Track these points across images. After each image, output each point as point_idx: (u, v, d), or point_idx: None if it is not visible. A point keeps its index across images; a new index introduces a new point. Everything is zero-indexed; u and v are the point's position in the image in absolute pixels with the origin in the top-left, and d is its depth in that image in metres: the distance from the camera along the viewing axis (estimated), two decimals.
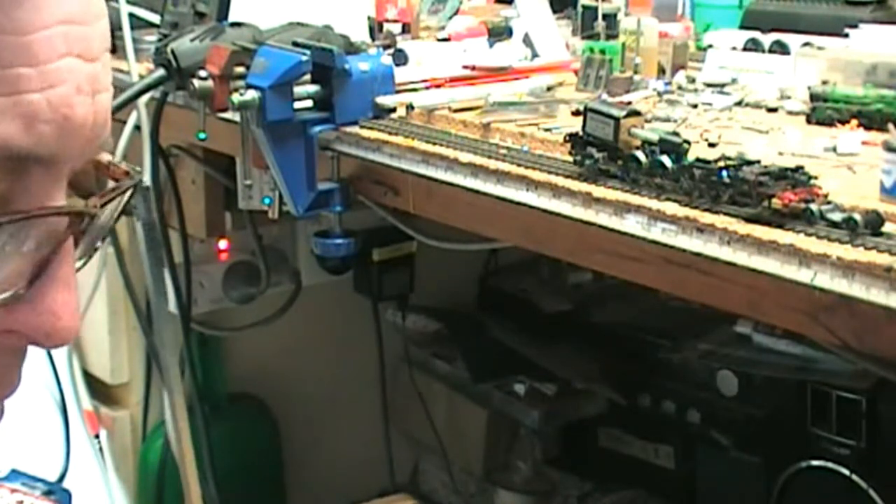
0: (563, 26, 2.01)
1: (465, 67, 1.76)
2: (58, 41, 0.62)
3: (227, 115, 1.70)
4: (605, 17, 1.86)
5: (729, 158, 1.23)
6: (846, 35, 1.70)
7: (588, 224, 1.30)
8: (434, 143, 1.51)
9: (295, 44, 1.63)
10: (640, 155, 1.28)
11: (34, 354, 0.68)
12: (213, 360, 2.37)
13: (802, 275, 1.10)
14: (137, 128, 1.99)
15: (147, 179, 1.83)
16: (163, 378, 2.08)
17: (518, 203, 1.38)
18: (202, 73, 1.66)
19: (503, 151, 1.45)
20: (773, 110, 1.58)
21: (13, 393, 0.68)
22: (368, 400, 2.51)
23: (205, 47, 1.70)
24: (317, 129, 1.63)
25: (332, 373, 2.51)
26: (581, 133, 1.36)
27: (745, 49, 1.80)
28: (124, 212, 0.72)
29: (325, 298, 2.41)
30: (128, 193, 0.71)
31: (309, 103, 1.62)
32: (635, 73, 1.71)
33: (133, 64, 1.94)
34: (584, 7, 1.96)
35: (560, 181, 1.34)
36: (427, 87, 1.69)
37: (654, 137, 1.29)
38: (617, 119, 1.32)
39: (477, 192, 1.43)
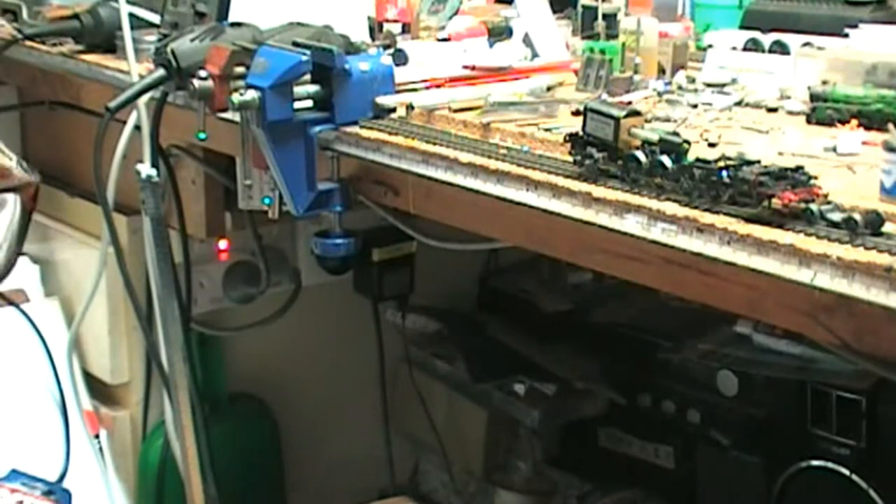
0: (563, 26, 2.01)
1: (465, 67, 1.76)
2: None
3: (227, 115, 1.70)
4: (605, 17, 1.86)
5: (729, 158, 1.23)
6: (846, 35, 1.70)
7: (588, 224, 1.30)
8: (434, 143, 1.51)
9: (295, 44, 1.63)
10: (640, 155, 1.28)
11: (34, 354, 0.68)
12: (213, 360, 2.37)
13: (802, 275, 1.10)
14: (137, 128, 1.99)
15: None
16: (163, 375, 2.08)
17: (518, 203, 1.38)
18: (202, 73, 1.66)
19: (503, 151, 1.45)
20: (773, 110, 1.58)
21: None
22: (368, 400, 2.50)
23: (205, 47, 1.70)
24: (317, 129, 1.63)
25: (332, 373, 2.51)
26: (581, 133, 1.36)
27: (745, 49, 1.80)
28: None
29: (325, 298, 2.41)
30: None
31: (309, 103, 1.62)
32: (635, 73, 1.71)
33: (133, 64, 1.94)
34: (584, 7, 1.96)
35: (560, 181, 1.34)
36: (427, 87, 1.70)
37: (654, 137, 1.29)
38: (617, 119, 1.32)
39: (477, 192, 1.43)
